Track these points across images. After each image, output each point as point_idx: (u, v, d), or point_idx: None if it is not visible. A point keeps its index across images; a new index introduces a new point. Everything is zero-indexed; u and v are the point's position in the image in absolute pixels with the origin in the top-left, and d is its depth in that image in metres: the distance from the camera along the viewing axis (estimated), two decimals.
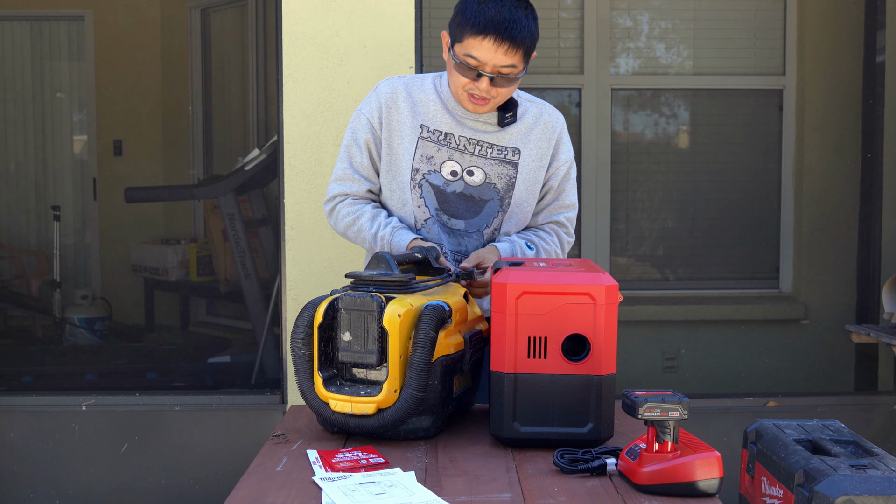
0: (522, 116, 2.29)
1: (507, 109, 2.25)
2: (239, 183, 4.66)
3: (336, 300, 1.80)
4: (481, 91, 2.14)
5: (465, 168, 2.25)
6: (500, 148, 2.26)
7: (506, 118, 2.24)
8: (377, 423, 1.78)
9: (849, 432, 1.91)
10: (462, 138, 2.24)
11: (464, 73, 2.14)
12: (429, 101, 2.26)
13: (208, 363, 4.93)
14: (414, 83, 2.29)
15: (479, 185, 2.25)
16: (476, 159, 2.25)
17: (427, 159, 2.24)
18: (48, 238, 6.05)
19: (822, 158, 4.59)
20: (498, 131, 2.26)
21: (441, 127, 2.25)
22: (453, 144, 2.24)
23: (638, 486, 1.57)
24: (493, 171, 2.26)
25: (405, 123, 2.25)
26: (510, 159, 2.26)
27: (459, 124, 2.25)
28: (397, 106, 2.25)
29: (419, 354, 1.76)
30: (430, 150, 2.24)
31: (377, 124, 2.26)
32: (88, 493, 3.62)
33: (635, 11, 4.70)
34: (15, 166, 6.41)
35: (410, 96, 2.26)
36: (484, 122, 2.25)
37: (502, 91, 2.17)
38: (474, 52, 2.10)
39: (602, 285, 1.74)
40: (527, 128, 2.28)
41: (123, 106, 6.23)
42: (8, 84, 6.36)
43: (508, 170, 2.26)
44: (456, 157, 2.25)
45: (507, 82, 2.15)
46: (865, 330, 3.64)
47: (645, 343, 4.61)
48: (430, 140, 2.24)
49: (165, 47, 6.22)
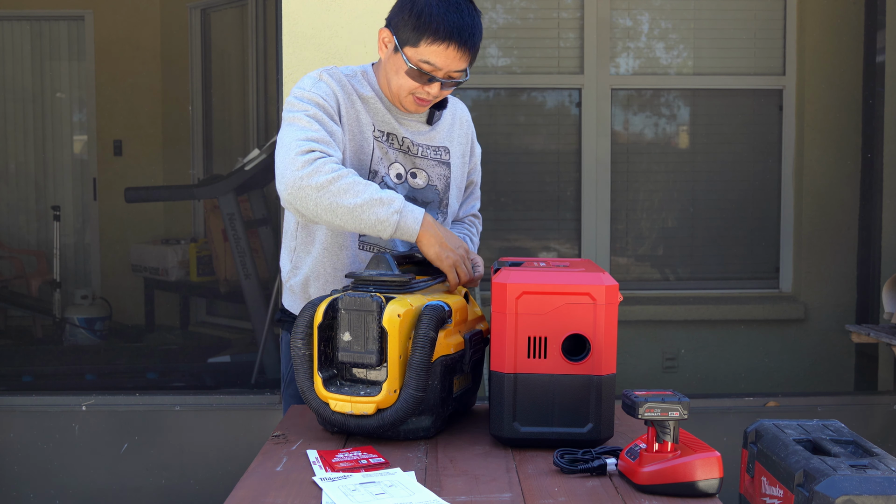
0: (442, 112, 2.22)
1: (439, 106, 2.19)
2: (239, 183, 4.66)
3: (336, 300, 1.80)
4: (430, 95, 2.07)
5: (408, 170, 2.15)
6: (434, 148, 2.19)
7: (436, 115, 2.18)
8: (377, 424, 1.78)
9: (849, 432, 1.91)
10: (405, 139, 2.15)
11: (415, 78, 2.04)
12: (372, 100, 2.13)
13: (208, 363, 4.94)
14: (353, 81, 2.12)
15: (423, 188, 2.17)
16: (418, 160, 2.17)
17: (380, 161, 2.13)
18: (48, 238, 6.05)
19: (822, 158, 4.59)
20: (429, 131, 2.19)
21: (384, 127, 2.14)
22: (396, 145, 2.15)
23: (638, 486, 1.57)
24: (434, 172, 2.18)
25: (362, 120, 2.11)
26: (444, 159, 2.20)
27: (400, 125, 2.15)
28: (351, 99, 2.10)
29: (419, 354, 1.76)
30: (381, 150, 2.12)
31: (337, 109, 2.07)
32: (88, 493, 3.62)
33: (635, 11, 4.70)
34: (15, 166, 6.42)
35: (356, 91, 2.11)
36: (416, 120, 2.17)
37: (447, 93, 2.12)
38: (433, 58, 2.01)
39: (602, 285, 1.74)
40: (448, 125, 2.23)
41: (123, 106, 6.23)
42: (8, 84, 6.37)
43: (444, 170, 2.20)
44: (400, 158, 2.15)
45: (453, 85, 2.08)
46: (865, 330, 3.64)
47: (645, 343, 4.61)
48: (380, 140, 2.13)
49: (165, 47, 6.22)
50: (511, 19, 4.74)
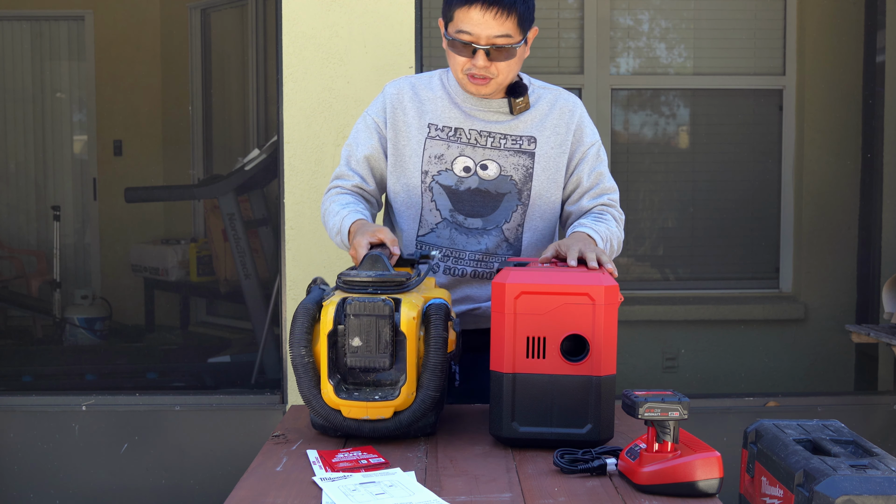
0: (537, 103, 2.20)
1: (516, 94, 2.17)
2: (239, 183, 4.66)
3: (342, 304, 1.76)
4: (479, 68, 2.07)
5: (478, 162, 2.17)
6: (515, 138, 2.18)
7: (517, 104, 2.16)
8: (394, 426, 1.76)
9: (849, 432, 1.91)
10: (472, 131, 2.17)
11: (459, 52, 2.07)
12: (436, 99, 2.20)
13: (208, 363, 4.94)
14: (421, 82, 2.23)
15: (495, 179, 2.17)
16: (489, 152, 2.17)
17: (437, 159, 2.17)
18: (48, 238, 6.05)
19: (822, 158, 4.59)
20: (510, 120, 2.18)
21: (450, 123, 2.18)
22: (464, 139, 2.17)
23: (638, 486, 1.57)
24: (509, 162, 2.17)
25: (411, 125, 2.19)
26: (526, 149, 2.18)
27: (469, 117, 2.17)
28: (403, 107, 2.20)
29: (435, 355, 1.75)
30: (440, 148, 2.17)
31: (382, 124, 2.20)
32: (88, 493, 3.62)
33: (635, 11, 4.70)
34: (15, 166, 6.42)
35: (417, 96, 2.20)
36: (494, 111, 2.18)
37: (501, 66, 2.08)
38: (464, 25, 2.03)
39: (601, 286, 1.74)
40: (542, 114, 2.20)
41: (123, 106, 6.23)
42: (8, 84, 6.37)
43: (524, 160, 2.18)
44: (468, 151, 2.17)
45: (504, 55, 2.06)
46: (865, 330, 3.63)
47: (645, 343, 4.61)
48: (439, 138, 2.17)
49: (165, 47, 6.22)
50: None
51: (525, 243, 2.21)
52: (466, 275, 2.18)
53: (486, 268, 2.18)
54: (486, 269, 2.18)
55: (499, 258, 2.19)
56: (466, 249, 2.18)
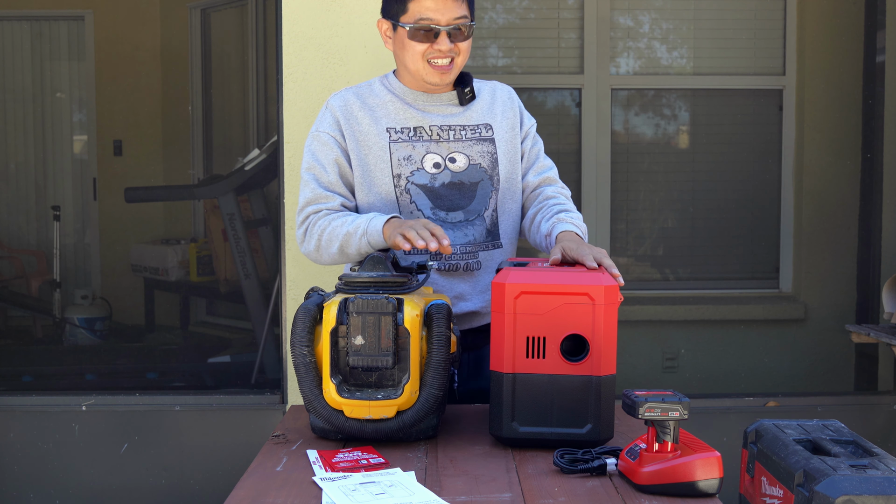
0: (479, 94, 2.27)
1: (463, 84, 2.23)
2: (239, 183, 4.66)
3: (345, 303, 1.75)
4: (444, 52, 2.13)
5: (445, 157, 2.19)
6: (472, 127, 2.23)
7: (466, 94, 2.22)
8: (396, 426, 1.76)
9: (849, 432, 1.91)
10: (433, 128, 2.20)
11: (421, 39, 2.12)
12: (385, 103, 2.21)
13: (208, 363, 4.94)
14: (363, 90, 2.24)
15: (466, 170, 2.20)
16: (454, 144, 2.21)
17: (406, 160, 2.17)
18: (48, 238, 6.05)
19: (822, 158, 4.59)
20: (463, 111, 2.23)
21: (408, 123, 2.19)
22: (425, 136, 2.19)
23: (638, 486, 1.57)
24: (474, 151, 2.22)
25: (369, 133, 2.18)
26: (485, 136, 2.23)
27: (425, 114, 2.20)
28: (355, 117, 2.19)
29: (438, 353, 1.75)
30: (405, 149, 2.18)
31: (340, 138, 2.18)
32: (88, 493, 3.62)
33: (635, 11, 4.70)
34: (15, 166, 6.42)
35: (365, 104, 2.21)
36: (446, 104, 2.22)
37: (463, 46, 2.15)
38: (424, 13, 2.10)
39: (601, 286, 1.74)
40: (488, 102, 2.27)
41: (123, 106, 6.23)
42: (8, 84, 6.36)
43: (487, 146, 2.23)
44: (433, 148, 2.19)
45: (464, 35, 2.14)
46: (865, 330, 3.63)
47: (645, 343, 4.61)
48: (402, 140, 2.18)
49: (165, 47, 6.22)
50: (511, 19, 4.74)
51: (502, 228, 2.25)
52: (459, 268, 2.19)
53: (474, 259, 2.20)
54: (475, 261, 2.20)
55: (482, 247, 2.20)
56: (455, 244, 2.19)
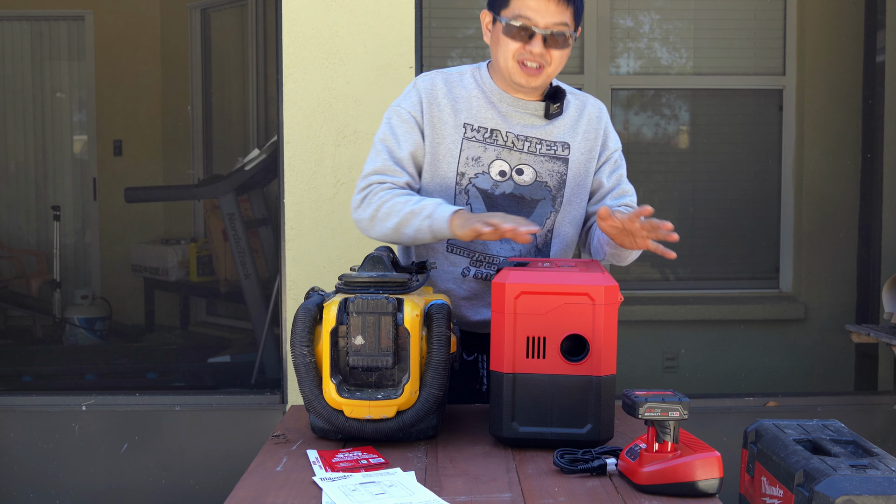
0: (567, 109, 2.18)
1: (554, 99, 2.14)
2: (239, 183, 4.66)
3: (345, 303, 1.75)
4: (535, 56, 2.03)
5: (513, 167, 2.12)
6: (550, 143, 2.14)
7: (552, 109, 2.12)
8: (396, 426, 1.76)
9: (849, 432, 1.91)
10: (510, 134, 2.12)
11: (514, 38, 2.03)
12: (471, 97, 2.13)
13: (208, 363, 4.94)
14: (453, 77, 2.16)
15: (530, 185, 2.13)
16: (525, 156, 2.13)
17: (473, 161, 2.11)
18: (48, 238, 6.05)
19: (822, 158, 4.59)
20: (546, 125, 2.14)
21: (486, 123, 2.12)
22: (500, 142, 2.12)
23: (638, 486, 1.57)
24: (544, 168, 2.14)
25: (447, 122, 2.11)
26: (560, 155, 2.15)
27: (505, 120, 2.12)
28: (438, 103, 2.12)
29: (438, 353, 1.75)
30: (476, 150, 2.11)
31: (420, 119, 2.12)
32: (88, 493, 3.62)
33: (636, 11, 4.70)
34: (15, 166, 6.42)
35: (451, 92, 2.13)
36: (531, 113, 2.13)
37: (556, 55, 2.05)
38: (524, 10, 2.01)
39: (601, 286, 1.74)
40: (573, 120, 2.17)
41: (123, 106, 6.23)
42: (8, 84, 6.37)
43: (559, 166, 2.15)
44: (504, 155, 2.12)
45: (560, 44, 2.04)
46: (865, 330, 3.63)
47: (645, 343, 4.61)
48: (475, 140, 2.11)
49: (165, 47, 6.22)
50: None
51: (553, 250, 2.21)
52: None
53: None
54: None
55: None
56: (500, 255, 2.15)
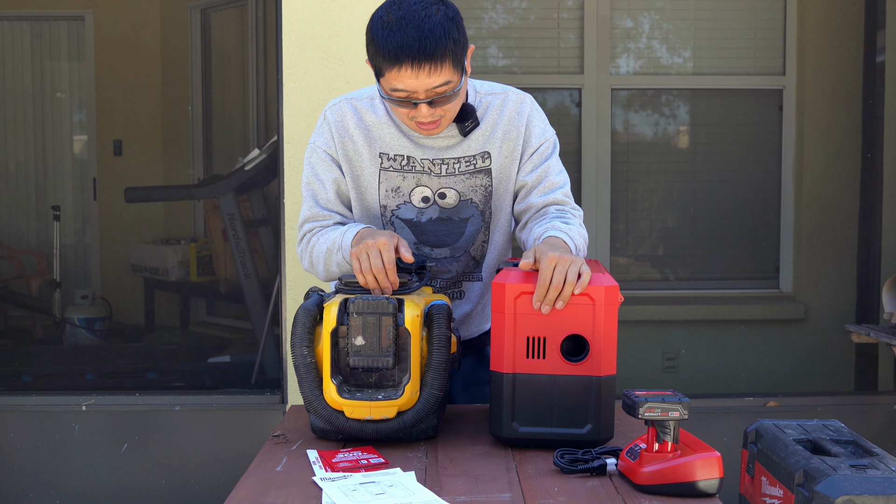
0: (486, 113, 2.05)
1: (465, 118, 2.01)
2: (239, 183, 4.66)
3: (345, 304, 1.75)
4: (425, 117, 1.91)
5: (435, 191, 2.05)
6: (468, 159, 2.04)
7: (466, 126, 2.01)
8: (397, 426, 1.76)
9: (849, 432, 1.91)
10: (425, 161, 2.03)
11: (400, 106, 1.91)
12: (382, 125, 2.03)
13: (208, 363, 4.93)
14: (362, 104, 2.05)
15: (456, 206, 2.06)
16: (445, 179, 2.04)
17: (394, 192, 2.04)
18: (48, 238, 6.05)
19: (822, 158, 4.59)
20: (461, 142, 2.04)
21: (401, 150, 2.03)
22: (418, 168, 2.03)
23: (638, 486, 1.57)
24: (467, 186, 2.05)
25: (363, 154, 2.03)
26: (481, 167, 2.05)
27: (419, 147, 2.03)
28: (350, 135, 2.03)
29: (439, 353, 1.74)
30: (395, 180, 2.04)
31: (336, 154, 2.04)
32: (88, 493, 3.62)
33: (635, 11, 4.70)
34: (15, 166, 6.41)
35: (361, 121, 2.03)
36: (444, 136, 2.03)
37: (449, 107, 1.93)
38: (398, 84, 1.86)
39: (601, 286, 1.74)
40: (491, 125, 2.05)
41: (123, 106, 6.23)
42: (8, 84, 6.37)
43: (482, 179, 2.06)
44: (424, 181, 2.04)
45: (449, 98, 1.90)
46: (865, 330, 3.64)
47: (645, 343, 4.61)
48: (393, 169, 2.03)
49: (165, 47, 6.22)
50: (511, 19, 4.74)
51: (487, 259, 2.15)
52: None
53: (457, 288, 2.15)
54: (457, 290, 2.15)
55: (467, 277, 2.14)
56: (437, 278, 2.12)
